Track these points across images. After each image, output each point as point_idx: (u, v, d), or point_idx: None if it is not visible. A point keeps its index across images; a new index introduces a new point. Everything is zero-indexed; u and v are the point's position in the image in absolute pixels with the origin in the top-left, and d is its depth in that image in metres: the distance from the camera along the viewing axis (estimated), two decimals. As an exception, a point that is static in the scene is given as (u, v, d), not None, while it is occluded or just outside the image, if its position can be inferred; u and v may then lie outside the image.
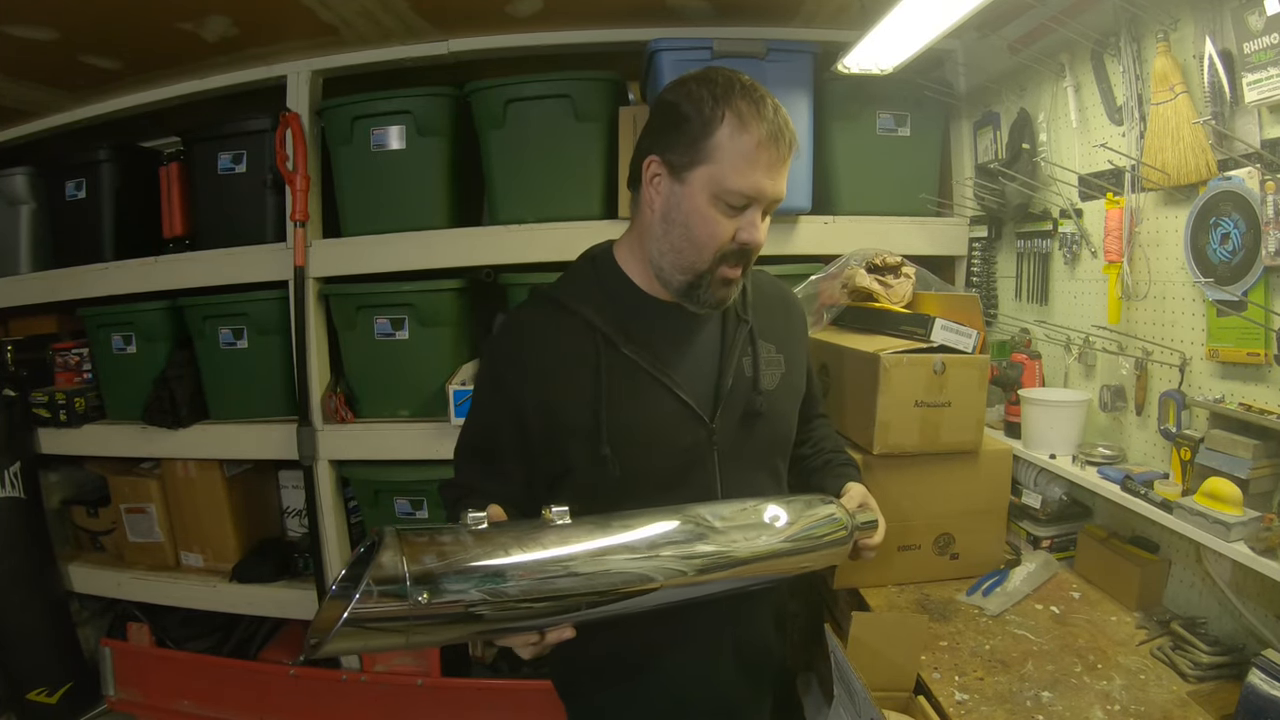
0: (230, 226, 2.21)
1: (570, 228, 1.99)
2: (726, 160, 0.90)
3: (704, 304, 0.99)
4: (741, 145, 0.90)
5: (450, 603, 0.72)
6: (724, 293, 0.98)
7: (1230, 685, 1.17)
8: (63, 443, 2.41)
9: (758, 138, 0.90)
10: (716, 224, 0.92)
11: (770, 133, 0.90)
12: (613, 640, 1.02)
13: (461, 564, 0.73)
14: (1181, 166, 1.32)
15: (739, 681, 1.07)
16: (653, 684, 1.05)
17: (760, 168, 0.90)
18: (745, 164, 0.90)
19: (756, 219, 0.93)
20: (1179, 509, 1.22)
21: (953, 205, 2.12)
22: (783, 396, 1.09)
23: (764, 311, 1.11)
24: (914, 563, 1.64)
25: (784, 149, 0.92)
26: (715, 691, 1.05)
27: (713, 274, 0.96)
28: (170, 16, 1.82)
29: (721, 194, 0.91)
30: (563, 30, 2.05)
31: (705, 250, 0.94)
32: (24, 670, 2.32)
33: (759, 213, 0.94)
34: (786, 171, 0.94)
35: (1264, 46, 1.13)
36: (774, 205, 0.95)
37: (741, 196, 0.91)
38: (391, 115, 2.04)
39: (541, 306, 1.05)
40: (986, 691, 1.22)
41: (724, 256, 0.94)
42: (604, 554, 0.81)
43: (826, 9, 1.93)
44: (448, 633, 0.75)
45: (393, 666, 2.17)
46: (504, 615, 0.75)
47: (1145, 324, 1.48)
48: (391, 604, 0.69)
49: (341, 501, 2.25)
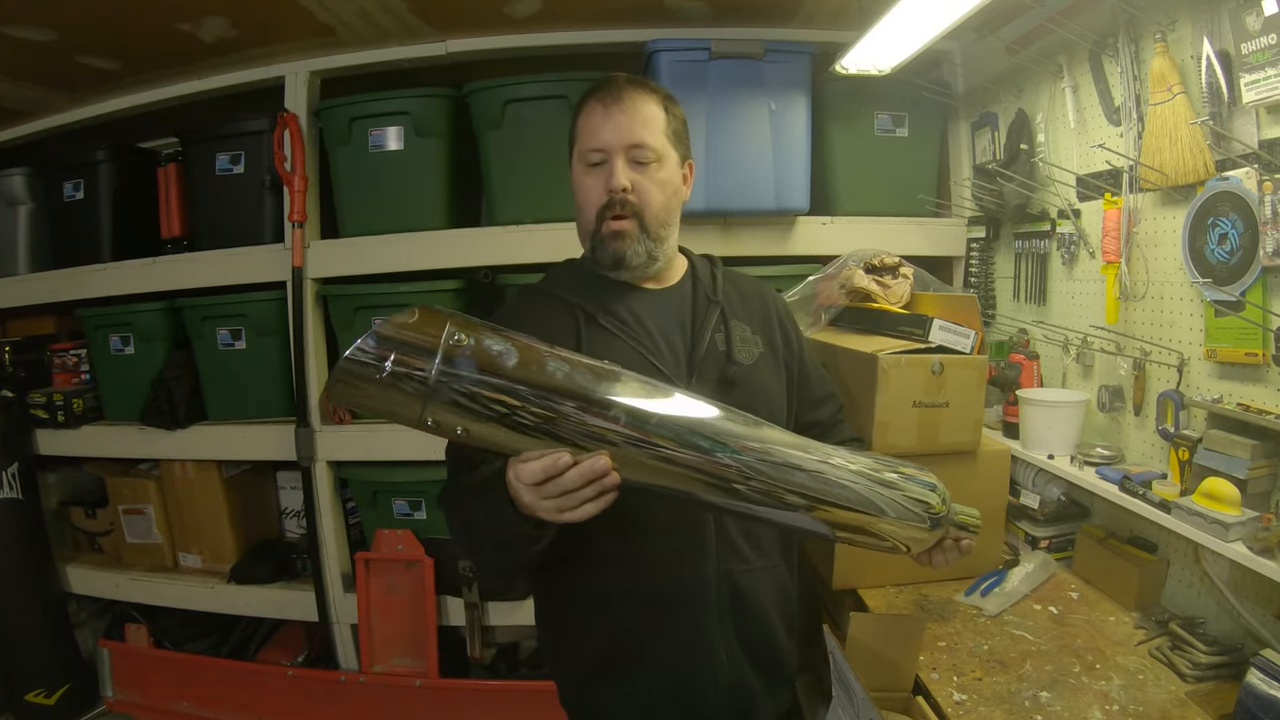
0: (228, 227, 2.21)
1: (568, 228, 1.93)
2: (580, 133, 1.07)
3: (606, 264, 1.07)
4: (584, 115, 1.07)
5: (486, 383, 0.72)
6: (617, 245, 1.05)
7: (1229, 685, 1.17)
8: (61, 444, 2.41)
9: (591, 103, 1.06)
10: (587, 186, 1.06)
11: (598, 95, 1.05)
12: (607, 637, 1.04)
13: (509, 355, 0.74)
14: (1179, 167, 1.32)
15: (740, 680, 1.06)
16: (649, 681, 1.04)
17: (597, 122, 1.04)
18: (589, 129, 1.05)
19: (615, 167, 1.03)
20: (1177, 509, 1.22)
21: (951, 206, 2.12)
22: (763, 371, 1.10)
23: (737, 299, 1.14)
24: (913, 563, 1.64)
25: (613, 97, 1.04)
26: (713, 689, 1.04)
27: (600, 230, 1.06)
28: (168, 17, 1.82)
29: (583, 158, 1.06)
30: (561, 31, 2.05)
31: (587, 210, 1.07)
32: (22, 671, 2.32)
33: (618, 161, 1.03)
34: (637, 121, 1.03)
35: (1262, 47, 1.13)
36: (634, 150, 1.03)
37: (594, 154, 1.04)
38: (389, 116, 2.04)
39: (523, 295, 1.18)
40: (985, 692, 1.22)
41: (602, 211, 1.05)
42: (653, 404, 0.79)
43: (825, 10, 1.93)
44: (473, 420, 0.73)
45: (390, 668, 2.17)
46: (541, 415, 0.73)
47: (1143, 324, 1.48)
48: (421, 361, 0.70)
49: (340, 502, 2.25)
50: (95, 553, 2.59)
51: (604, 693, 1.07)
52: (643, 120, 1.04)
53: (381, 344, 0.70)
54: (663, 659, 1.03)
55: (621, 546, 1.02)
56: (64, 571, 2.49)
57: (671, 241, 1.11)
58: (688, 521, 1.02)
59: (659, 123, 1.06)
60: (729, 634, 1.04)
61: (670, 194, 1.07)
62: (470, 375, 0.72)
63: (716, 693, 1.04)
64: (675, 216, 1.10)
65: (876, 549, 0.93)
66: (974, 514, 0.98)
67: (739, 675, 1.05)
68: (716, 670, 1.03)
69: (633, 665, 1.04)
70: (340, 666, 2.24)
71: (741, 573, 1.04)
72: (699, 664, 1.03)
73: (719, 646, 1.04)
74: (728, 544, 1.04)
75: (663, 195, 1.06)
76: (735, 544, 1.04)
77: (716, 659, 1.03)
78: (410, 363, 0.70)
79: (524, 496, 0.78)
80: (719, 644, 1.04)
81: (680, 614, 1.02)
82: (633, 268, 1.07)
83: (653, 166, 1.05)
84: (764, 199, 1.96)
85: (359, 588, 2.14)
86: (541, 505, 0.77)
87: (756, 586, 1.06)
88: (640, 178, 1.04)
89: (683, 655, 1.03)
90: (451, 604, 2.15)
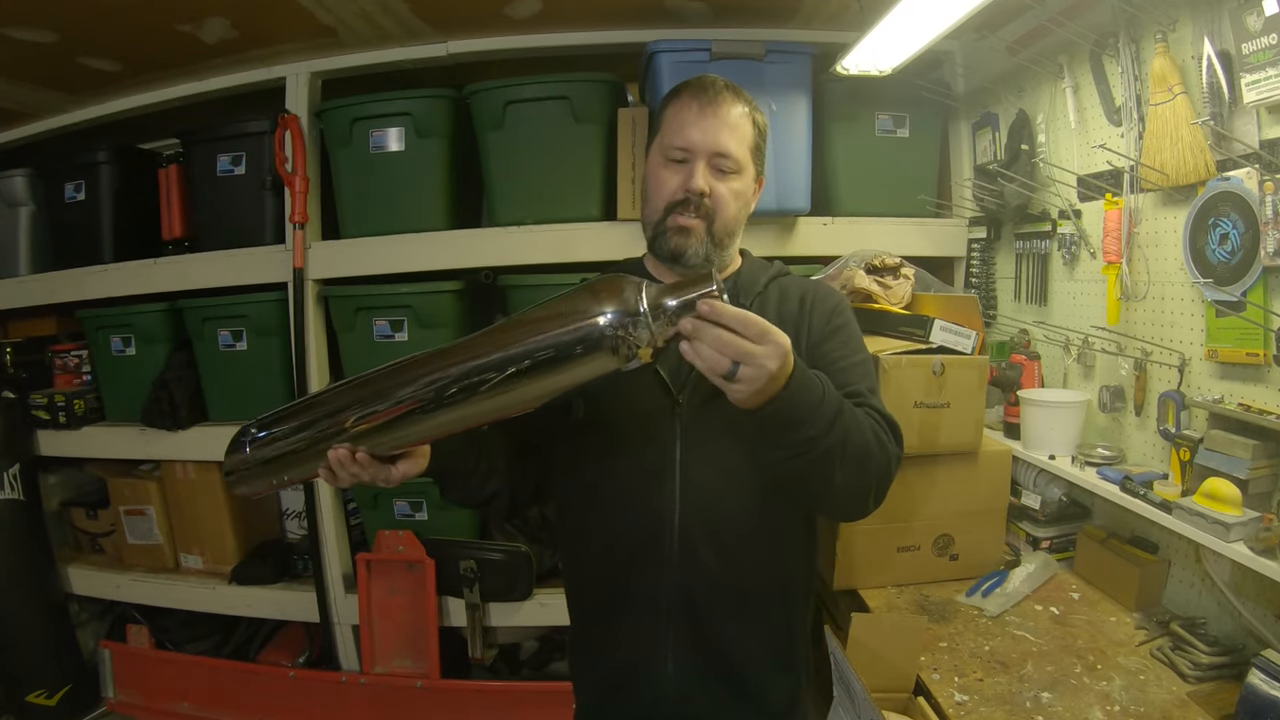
0: (229, 228, 2.21)
1: (569, 229, 1.99)
2: (666, 125, 1.07)
3: (664, 255, 1.06)
4: (674, 109, 1.06)
5: (275, 439, 0.97)
6: (680, 240, 1.04)
7: (1230, 685, 1.17)
8: (62, 444, 2.41)
9: (685, 99, 1.06)
10: (663, 179, 1.06)
11: (694, 92, 1.05)
12: (577, 629, 1.15)
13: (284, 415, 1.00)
14: (1180, 167, 1.32)
15: (686, 693, 1.02)
16: (603, 682, 1.08)
17: (689, 119, 1.04)
18: (677, 124, 1.05)
19: (696, 169, 1.03)
20: (1178, 509, 1.22)
21: (951, 206, 2.12)
22: None
23: (776, 302, 1.09)
24: (913, 563, 1.64)
25: (708, 99, 1.04)
26: (656, 697, 1.02)
27: (665, 222, 1.05)
28: (169, 18, 1.82)
29: (665, 150, 1.05)
30: (561, 32, 2.05)
31: (656, 200, 1.06)
32: (23, 672, 2.32)
33: (700, 164, 1.03)
34: (725, 129, 1.03)
35: (1262, 47, 1.13)
36: (718, 158, 1.03)
37: (678, 150, 1.04)
38: (390, 117, 2.03)
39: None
40: (986, 692, 1.22)
41: (672, 206, 1.04)
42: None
43: (825, 10, 1.93)
44: (291, 464, 0.97)
45: (392, 669, 2.17)
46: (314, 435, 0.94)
47: (1144, 324, 1.48)
48: (246, 454, 0.99)
49: (341, 503, 2.25)
50: (96, 553, 2.59)
51: (578, 688, 1.16)
52: (731, 129, 1.04)
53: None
54: (615, 661, 1.06)
55: (587, 546, 1.08)
56: (65, 572, 2.49)
57: (732, 250, 1.11)
58: (646, 525, 1.01)
59: (747, 135, 1.05)
60: (682, 644, 1.01)
61: (742, 205, 1.07)
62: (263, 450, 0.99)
63: (660, 702, 1.02)
64: (741, 227, 1.10)
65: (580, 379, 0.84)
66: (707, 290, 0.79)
67: (692, 687, 1.02)
68: (661, 681, 1.02)
69: (593, 666, 1.10)
70: (341, 667, 2.23)
71: (702, 584, 1.00)
72: (642, 672, 1.03)
73: (666, 657, 1.02)
74: (690, 552, 1.00)
75: (735, 205, 1.05)
76: (698, 553, 1.00)
77: (661, 669, 1.02)
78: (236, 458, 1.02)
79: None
80: (666, 654, 1.02)
81: (629, 619, 1.04)
82: (690, 265, 1.05)
83: (732, 177, 1.04)
84: (764, 199, 1.91)
85: (360, 588, 2.14)
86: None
87: (719, 599, 1.01)
88: (719, 184, 1.04)
89: (629, 661, 1.04)
90: (453, 605, 2.15)
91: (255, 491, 1.02)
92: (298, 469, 0.97)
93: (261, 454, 0.97)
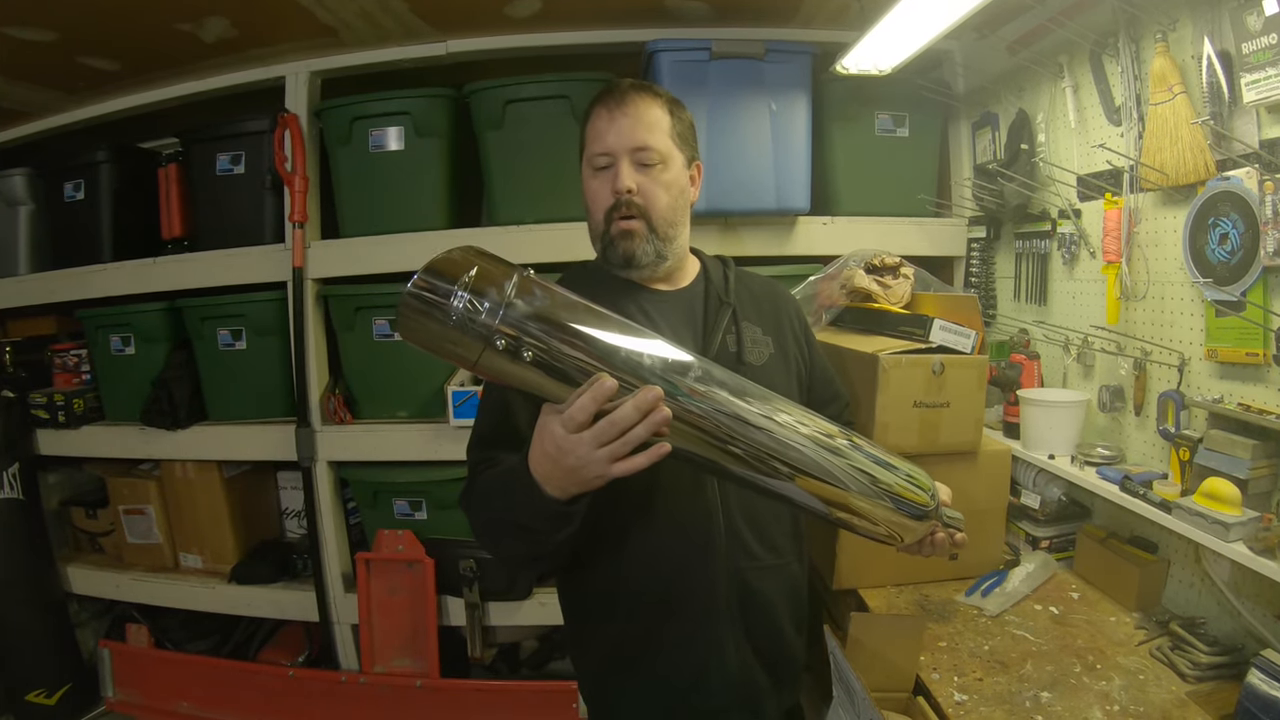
0: (229, 228, 2.21)
1: (569, 228, 1.99)
2: (587, 139, 1.10)
3: (617, 263, 1.07)
4: (590, 122, 1.09)
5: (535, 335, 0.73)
6: (627, 244, 1.06)
7: (1229, 685, 1.17)
8: (61, 444, 2.41)
9: (597, 109, 1.08)
10: (594, 189, 1.08)
11: (602, 100, 1.08)
12: (619, 638, 1.06)
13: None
14: (1180, 167, 1.32)
15: (749, 678, 1.07)
16: (659, 680, 1.05)
17: (602, 126, 1.06)
18: (594, 133, 1.08)
19: (619, 170, 1.04)
20: (1178, 509, 1.22)
21: (951, 206, 2.12)
22: (772, 373, 1.10)
23: (748, 300, 1.15)
24: (913, 563, 1.63)
25: (615, 101, 1.06)
26: (723, 688, 1.04)
27: (609, 232, 1.07)
28: (169, 17, 1.82)
29: (590, 162, 1.08)
30: (561, 31, 2.05)
31: (596, 212, 1.09)
32: (23, 672, 2.32)
33: (623, 164, 1.05)
34: (640, 125, 1.05)
35: (1262, 47, 1.13)
36: (638, 152, 1.05)
37: (600, 157, 1.06)
38: (390, 116, 2.03)
39: None
40: (985, 692, 1.22)
41: (609, 213, 1.06)
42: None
43: (825, 10, 1.93)
44: (526, 368, 0.74)
45: (391, 668, 2.17)
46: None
47: (1144, 324, 1.48)
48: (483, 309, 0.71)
49: (340, 503, 2.25)
50: (96, 553, 2.59)
51: (617, 691, 1.09)
52: (646, 124, 1.05)
53: (442, 280, 0.71)
54: (671, 658, 1.04)
55: (631, 547, 1.03)
56: (65, 572, 2.49)
57: (680, 241, 1.12)
58: (696, 520, 1.03)
59: (663, 125, 1.07)
60: (738, 632, 1.05)
61: (676, 195, 1.08)
62: (532, 322, 0.73)
63: (725, 690, 1.05)
64: (683, 216, 1.11)
65: (872, 536, 0.94)
66: (959, 515, 1.02)
67: (748, 673, 1.06)
68: (726, 669, 1.04)
69: (643, 665, 1.05)
70: (341, 667, 2.24)
71: (750, 570, 1.05)
72: (708, 663, 1.04)
73: (728, 645, 1.04)
74: (737, 541, 1.04)
75: (668, 196, 1.06)
76: (744, 541, 1.05)
77: (726, 657, 1.04)
78: (476, 305, 0.71)
79: (566, 461, 0.77)
80: (728, 643, 1.04)
81: (690, 613, 1.03)
82: (642, 266, 1.07)
83: (657, 168, 1.06)
84: (764, 199, 1.96)
85: (359, 588, 2.14)
86: (594, 458, 0.76)
87: (766, 584, 1.07)
88: (645, 179, 1.05)
89: (692, 655, 1.04)
90: (452, 604, 2.15)
91: (423, 342, 0.74)
92: (546, 376, 0.75)
93: (510, 321, 0.72)
